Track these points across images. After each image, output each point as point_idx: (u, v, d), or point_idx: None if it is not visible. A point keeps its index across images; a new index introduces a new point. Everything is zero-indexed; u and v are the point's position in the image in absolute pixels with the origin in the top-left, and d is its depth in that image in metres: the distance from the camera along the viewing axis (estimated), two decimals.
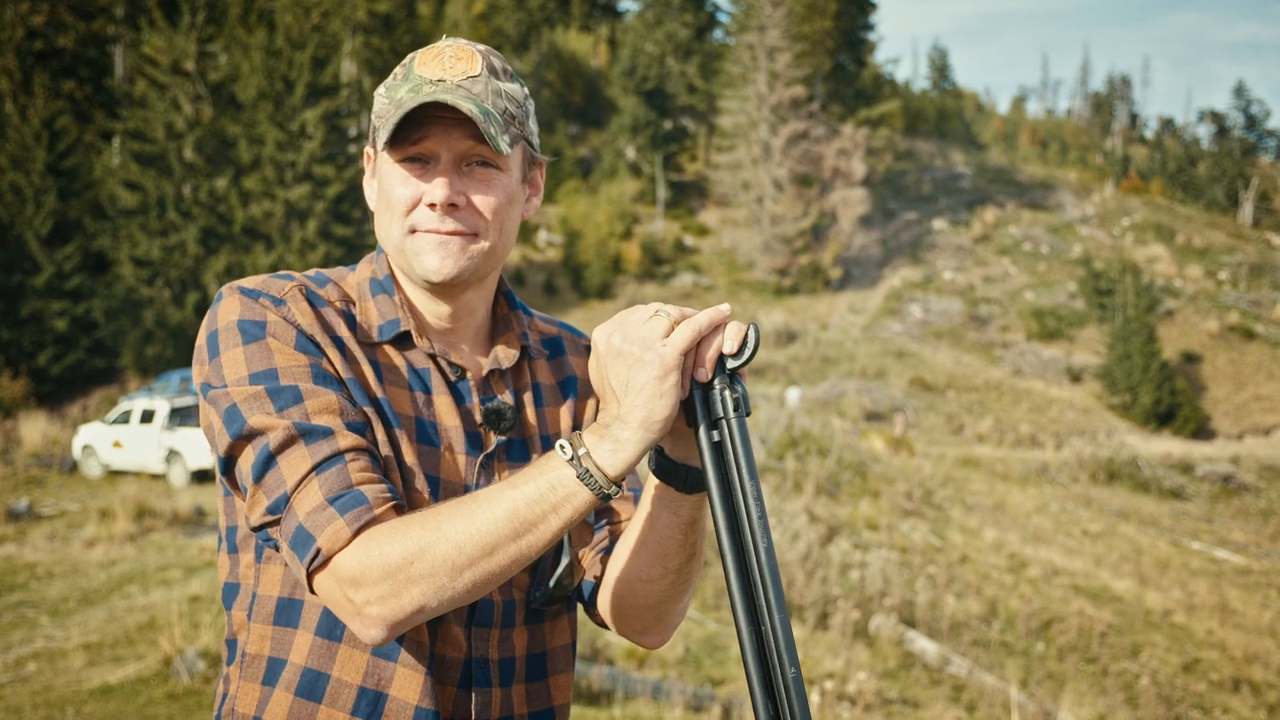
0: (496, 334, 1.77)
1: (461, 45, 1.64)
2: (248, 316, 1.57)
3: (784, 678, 1.37)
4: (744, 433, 1.43)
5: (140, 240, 33.00)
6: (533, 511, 1.41)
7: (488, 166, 1.62)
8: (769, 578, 1.40)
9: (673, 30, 56.84)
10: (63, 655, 9.81)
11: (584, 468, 1.41)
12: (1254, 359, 45.09)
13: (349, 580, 1.44)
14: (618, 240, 48.57)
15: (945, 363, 41.45)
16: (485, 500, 1.43)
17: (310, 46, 34.74)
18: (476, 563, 1.41)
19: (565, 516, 1.42)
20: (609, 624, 1.78)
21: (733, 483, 1.44)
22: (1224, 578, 21.02)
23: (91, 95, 40.04)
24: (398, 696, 1.57)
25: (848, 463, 21.88)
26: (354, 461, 1.48)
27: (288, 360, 1.54)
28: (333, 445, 1.48)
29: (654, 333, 1.43)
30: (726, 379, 1.45)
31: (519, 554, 1.43)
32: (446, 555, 1.41)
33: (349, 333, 1.63)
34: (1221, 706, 14.61)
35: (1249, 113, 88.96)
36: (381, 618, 1.43)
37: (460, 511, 1.43)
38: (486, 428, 1.67)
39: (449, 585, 1.42)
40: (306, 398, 1.51)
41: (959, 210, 60.02)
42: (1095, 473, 28.53)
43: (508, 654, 1.66)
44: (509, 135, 1.60)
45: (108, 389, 32.33)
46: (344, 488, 1.46)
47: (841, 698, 10.98)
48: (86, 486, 21.02)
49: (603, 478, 1.41)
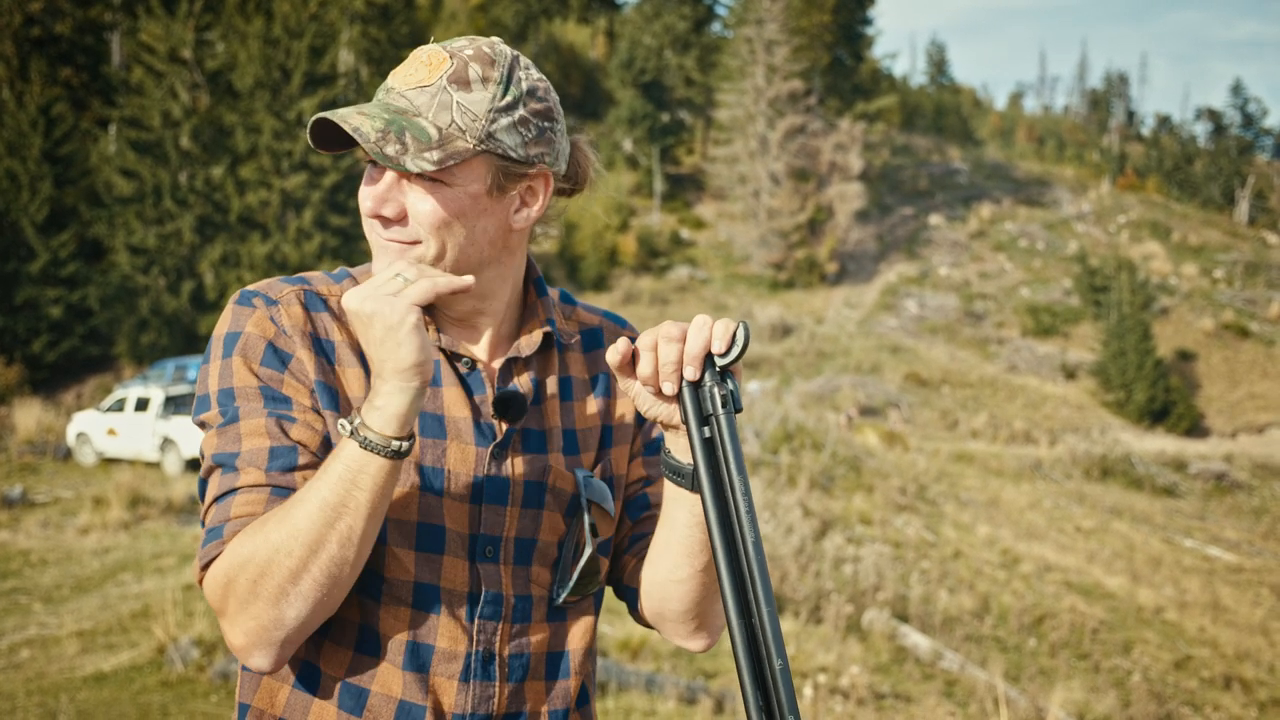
0: (524, 323, 1.76)
1: (438, 50, 1.61)
2: (231, 329, 1.61)
3: (772, 669, 1.39)
4: (733, 429, 1.45)
5: (136, 228, 32.95)
6: (337, 494, 1.44)
7: (429, 181, 1.58)
8: (758, 572, 1.42)
9: (671, 23, 56.77)
10: (56, 643, 9.81)
11: (362, 436, 1.44)
12: (1248, 357, 45.16)
13: (218, 613, 1.49)
14: (614, 233, 48.55)
15: (940, 358, 41.49)
16: (298, 498, 1.46)
17: (308, 35, 34.66)
18: (310, 562, 1.44)
19: (367, 488, 1.44)
20: (656, 628, 1.81)
21: (723, 478, 1.45)
22: (1216, 575, 21.08)
23: (88, 82, 39.94)
24: (382, 691, 1.57)
25: (842, 457, 21.90)
26: (244, 494, 1.51)
27: (243, 380, 1.58)
28: (233, 480, 1.52)
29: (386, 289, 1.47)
30: (717, 376, 1.46)
31: (343, 539, 1.44)
32: (281, 565, 1.44)
33: (347, 333, 1.64)
34: (1212, 704, 14.65)
35: (1246, 111, 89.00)
36: (250, 645, 1.48)
37: (279, 516, 1.46)
38: (497, 416, 1.66)
39: (295, 591, 1.44)
40: (243, 418, 1.55)
41: (955, 206, 60.03)
42: (1089, 469, 28.58)
43: (521, 650, 1.65)
44: (439, 152, 1.54)
45: (102, 376, 32.30)
46: (219, 521, 1.51)
47: (834, 692, 11.00)
48: (81, 474, 21.00)
49: (380, 437, 1.44)
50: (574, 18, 64.10)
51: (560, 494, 1.69)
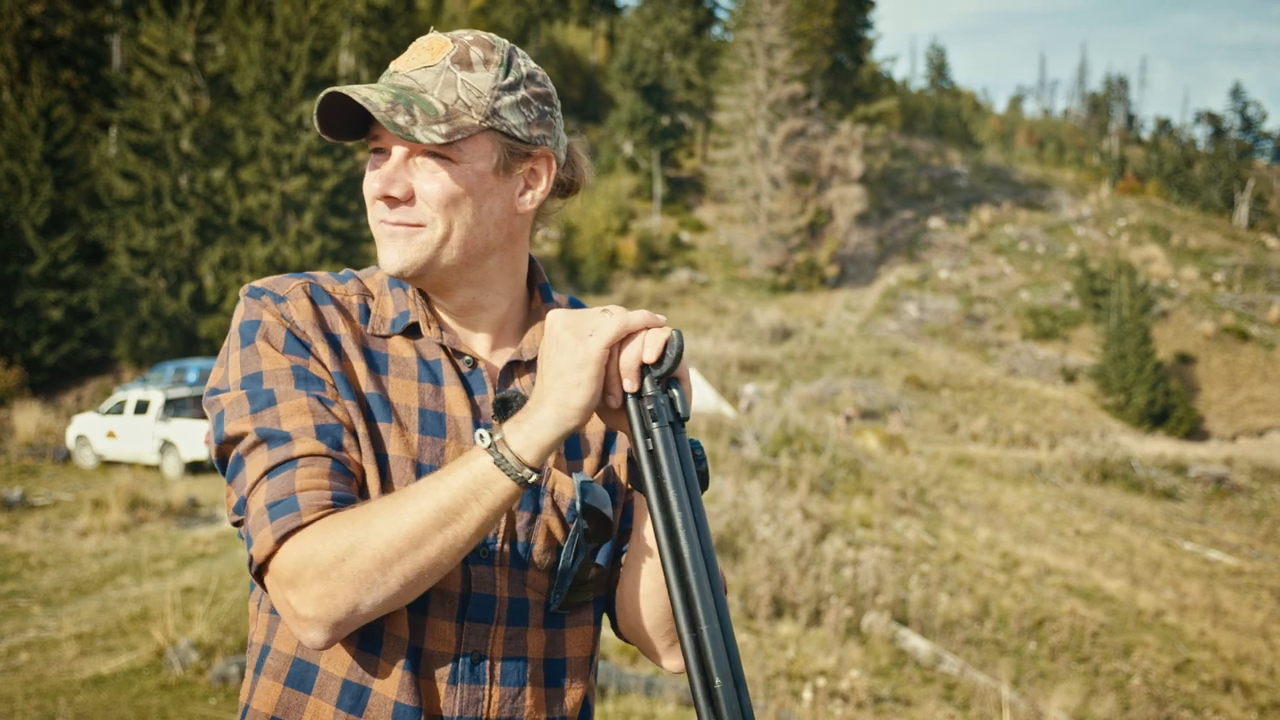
0: (528, 326, 1.77)
1: (439, 36, 1.64)
2: (247, 319, 1.62)
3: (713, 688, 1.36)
4: (670, 440, 1.44)
5: (136, 230, 32.95)
6: (456, 501, 1.43)
7: (438, 158, 1.60)
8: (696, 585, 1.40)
9: (671, 26, 56.82)
10: (55, 645, 9.80)
11: (499, 454, 1.44)
12: (1248, 361, 45.16)
13: (286, 583, 1.46)
14: (614, 236, 48.56)
15: (940, 361, 41.49)
16: (412, 494, 1.45)
17: (308, 38, 34.68)
18: (405, 556, 1.43)
19: (487, 504, 1.44)
20: (633, 644, 1.79)
21: (665, 489, 1.44)
22: (1216, 579, 21.08)
23: (89, 85, 39.95)
24: (379, 691, 1.57)
25: (842, 460, 21.90)
26: (305, 467, 1.50)
27: (272, 363, 1.57)
28: (288, 451, 1.51)
29: (589, 325, 1.46)
30: (658, 386, 1.46)
31: (446, 544, 1.44)
32: (376, 551, 1.43)
33: (350, 328, 1.65)
34: (1213, 707, 14.64)
35: (1246, 115, 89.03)
36: (318, 619, 1.45)
37: (388, 506, 1.45)
38: (496, 417, 1.64)
39: (381, 581, 1.44)
40: (280, 400, 1.54)
41: (955, 209, 60.05)
42: (1089, 473, 28.59)
43: (517, 654, 1.64)
44: (447, 126, 1.57)
45: (102, 379, 32.29)
46: (285, 494, 1.48)
47: (834, 695, 10.99)
48: (80, 476, 20.99)
49: (516, 462, 1.44)
50: (574, 21, 64.15)
51: (559, 499, 1.68)
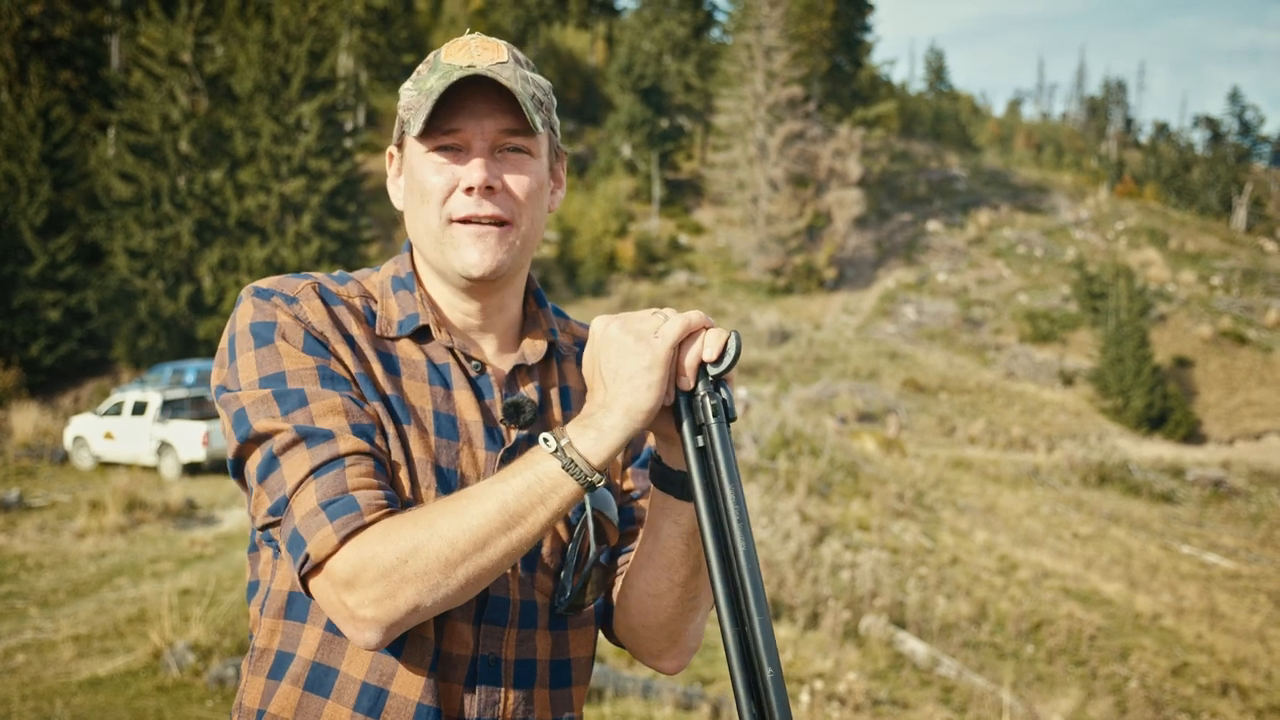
0: (525, 331, 1.77)
1: (485, 37, 1.66)
2: (259, 319, 1.59)
3: (764, 678, 1.39)
4: (725, 438, 1.46)
5: (134, 232, 32.94)
6: (521, 504, 1.43)
7: (519, 152, 1.63)
8: (749, 580, 1.42)
9: (670, 28, 56.82)
10: (52, 647, 9.79)
11: (568, 458, 1.44)
12: (1246, 364, 45.18)
13: (343, 583, 1.45)
14: (613, 238, 48.55)
15: (938, 364, 41.50)
16: (476, 496, 1.45)
17: (307, 40, 34.69)
18: (469, 557, 1.43)
19: (552, 508, 1.44)
20: (627, 646, 1.79)
21: (715, 487, 1.46)
22: (1213, 582, 21.08)
23: (87, 85, 39.97)
24: (399, 693, 1.56)
25: (839, 463, 21.91)
26: (353, 466, 1.49)
27: (295, 363, 1.56)
28: (333, 449, 1.49)
29: (649, 326, 1.47)
30: (710, 385, 1.47)
31: (509, 547, 1.44)
32: (440, 552, 1.42)
33: (363, 330, 1.64)
34: (1210, 710, 14.65)
35: (1243, 119, 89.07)
36: (376, 620, 1.44)
37: (451, 508, 1.45)
38: (506, 422, 1.66)
39: (443, 582, 1.43)
40: (312, 400, 1.53)
41: (954, 212, 60.07)
42: (1086, 476, 28.60)
43: (527, 655, 1.65)
44: (539, 117, 1.62)
45: (100, 380, 32.27)
46: (339, 492, 1.47)
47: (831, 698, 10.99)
48: (77, 478, 20.97)
49: (586, 466, 1.44)
50: (573, 23, 64.13)
51: None
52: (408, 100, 1.65)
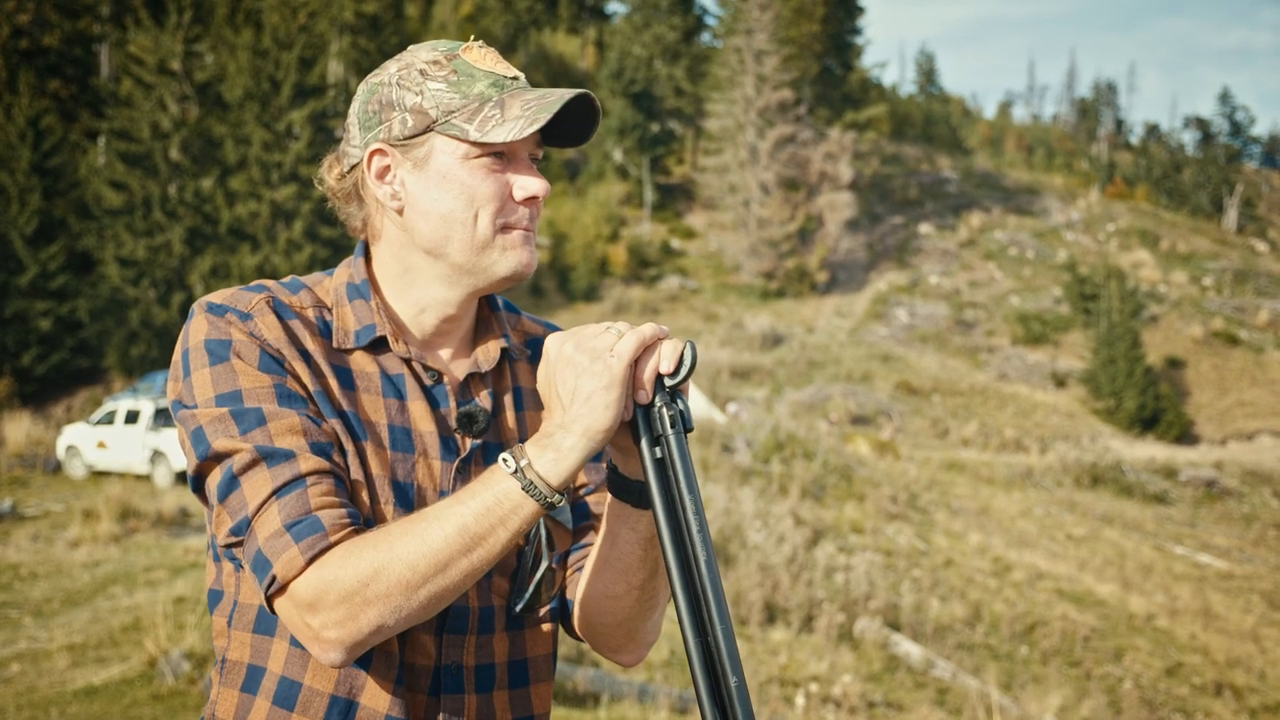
0: (479, 337, 1.77)
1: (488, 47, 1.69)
2: (214, 336, 1.57)
3: (728, 686, 1.40)
4: (683, 449, 1.47)
5: (125, 240, 32.87)
6: (481, 525, 1.44)
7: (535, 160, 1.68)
8: (711, 589, 1.43)
9: (660, 33, 56.87)
10: (46, 656, 9.78)
11: (527, 479, 1.44)
12: (1237, 365, 45.29)
13: (306, 606, 1.45)
14: (604, 243, 48.57)
15: (931, 367, 41.55)
16: (435, 518, 1.45)
17: (297, 47, 34.66)
18: (430, 580, 1.43)
19: (512, 528, 1.45)
20: (586, 641, 1.80)
21: (674, 497, 1.47)
22: (1207, 582, 21.12)
23: (77, 94, 39.90)
24: (368, 705, 1.58)
25: (833, 466, 21.93)
26: (315, 485, 1.49)
27: (252, 381, 1.54)
28: (294, 469, 1.49)
29: (603, 345, 1.46)
30: (667, 396, 1.48)
31: (470, 568, 1.45)
32: (401, 575, 1.43)
33: (318, 344, 1.63)
34: (1204, 711, 14.68)
35: (1234, 119, 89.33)
36: (339, 641, 1.45)
37: (411, 531, 1.45)
38: (460, 432, 1.67)
39: (405, 604, 1.44)
40: (270, 419, 1.52)
41: (945, 215, 60.14)
42: (1079, 477, 28.63)
43: (486, 660, 1.66)
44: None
45: (92, 389, 32.19)
46: (302, 513, 1.47)
47: (826, 700, 11.00)
48: (70, 487, 20.93)
49: (546, 487, 1.45)
50: (563, 28, 64.19)
51: None
52: (445, 100, 1.60)
